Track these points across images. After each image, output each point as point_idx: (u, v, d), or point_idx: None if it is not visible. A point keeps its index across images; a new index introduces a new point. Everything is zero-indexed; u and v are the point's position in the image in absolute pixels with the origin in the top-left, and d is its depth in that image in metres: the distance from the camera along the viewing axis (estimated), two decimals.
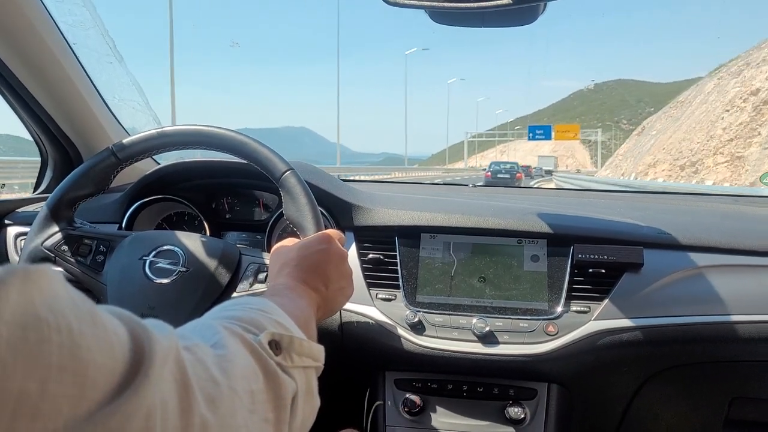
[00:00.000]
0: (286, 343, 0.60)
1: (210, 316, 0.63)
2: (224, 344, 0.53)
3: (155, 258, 1.10)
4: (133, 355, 0.39)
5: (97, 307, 0.40)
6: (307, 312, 0.78)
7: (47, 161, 1.72)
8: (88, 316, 0.37)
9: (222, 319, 0.59)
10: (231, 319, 0.59)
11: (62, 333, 0.34)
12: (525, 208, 1.40)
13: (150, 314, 1.03)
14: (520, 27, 1.05)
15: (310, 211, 1.04)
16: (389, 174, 36.26)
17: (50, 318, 0.34)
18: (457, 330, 1.24)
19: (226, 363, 0.51)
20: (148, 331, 0.42)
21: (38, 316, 0.33)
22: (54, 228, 1.14)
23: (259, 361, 0.56)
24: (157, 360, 0.40)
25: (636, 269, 1.24)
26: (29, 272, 0.34)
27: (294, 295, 0.81)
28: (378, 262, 1.32)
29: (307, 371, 0.63)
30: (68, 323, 0.34)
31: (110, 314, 0.41)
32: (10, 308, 0.32)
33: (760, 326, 1.20)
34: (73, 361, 0.34)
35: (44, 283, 0.35)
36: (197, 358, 0.48)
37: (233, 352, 0.53)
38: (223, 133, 1.11)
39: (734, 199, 2.01)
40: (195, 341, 0.51)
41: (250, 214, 1.55)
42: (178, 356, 0.44)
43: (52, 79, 1.44)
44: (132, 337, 0.40)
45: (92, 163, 1.14)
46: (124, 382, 0.37)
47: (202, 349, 0.50)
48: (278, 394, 0.56)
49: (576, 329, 1.21)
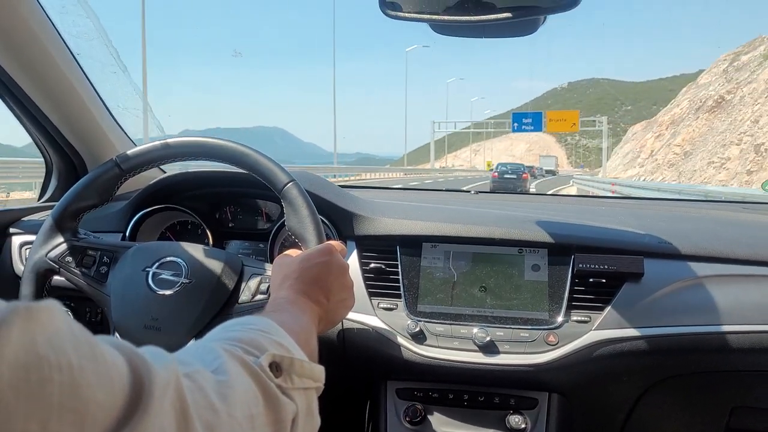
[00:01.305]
0: (286, 364, 0.61)
1: (211, 337, 0.63)
2: (225, 369, 0.54)
3: (158, 269, 1.10)
4: (133, 389, 0.40)
5: (97, 339, 0.40)
6: (308, 327, 0.79)
7: (52, 169, 1.74)
8: (88, 351, 0.37)
9: (223, 341, 0.60)
10: (232, 341, 0.60)
11: (63, 371, 0.34)
12: (526, 217, 1.40)
13: (153, 325, 1.04)
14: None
15: (311, 222, 1.05)
16: (358, 175, 36.76)
17: (51, 356, 0.34)
18: (458, 339, 1.24)
19: (226, 389, 0.51)
20: (147, 363, 0.43)
21: (40, 356, 0.33)
22: (58, 239, 1.15)
23: (260, 384, 0.56)
24: (156, 392, 0.41)
25: (636, 279, 1.24)
26: (31, 310, 0.35)
27: (295, 310, 0.81)
28: (380, 272, 1.33)
29: (308, 392, 0.63)
30: (69, 360, 0.35)
31: (110, 346, 0.41)
32: (12, 349, 0.32)
33: (761, 336, 1.20)
34: (74, 400, 0.34)
35: (46, 320, 0.35)
36: (197, 385, 0.48)
37: (234, 377, 0.53)
38: (226, 144, 1.12)
39: (738, 206, 2.00)
40: (196, 367, 0.51)
41: (252, 223, 1.56)
42: (178, 385, 0.45)
43: (57, 90, 1.46)
44: (131, 370, 0.41)
45: (96, 175, 1.15)
46: (123, 418, 0.38)
47: (202, 375, 0.50)
48: (278, 417, 0.57)
49: (576, 339, 1.21)
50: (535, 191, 26.98)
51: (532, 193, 4.67)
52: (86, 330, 0.39)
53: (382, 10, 1.01)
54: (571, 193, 24.05)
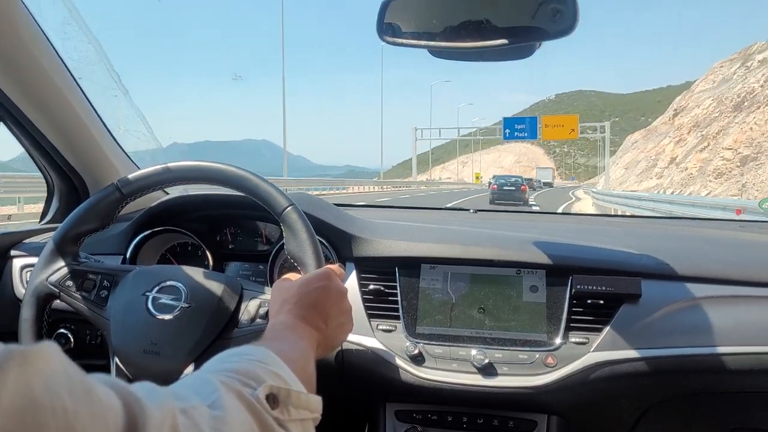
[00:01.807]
0: (283, 396, 0.61)
1: (209, 368, 0.64)
2: (222, 404, 0.54)
3: (158, 293, 1.11)
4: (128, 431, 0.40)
5: (93, 378, 0.40)
6: (306, 354, 0.79)
7: (53, 191, 1.75)
8: (83, 394, 0.38)
9: (220, 372, 0.60)
10: (229, 372, 0.60)
11: (58, 416, 0.34)
12: (524, 237, 1.41)
13: (152, 350, 1.05)
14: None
15: (310, 246, 1.06)
16: (346, 188, 36.31)
17: (47, 401, 0.34)
18: (457, 361, 1.24)
19: (222, 425, 0.51)
20: (141, 404, 0.43)
21: (36, 401, 0.34)
22: (59, 263, 1.15)
23: (256, 417, 0.57)
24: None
25: (634, 300, 1.25)
26: (27, 355, 0.35)
27: (293, 336, 0.82)
28: (378, 293, 1.33)
29: (305, 423, 0.64)
30: (64, 405, 0.35)
31: (105, 386, 0.42)
32: (8, 395, 0.32)
33: (760, 357, 1.20)
34: None
35: (42, 364, 0.36)
36: (193, 422, 0.49)
37: (230, 412, 0.54)
38: (226, 169, 1.13)
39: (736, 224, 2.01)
40: (192, 402, 0.52)
41: (252, 244, 1.56)
42: (174, 423, 0.45)
43: (59, 114, 1.47)
44: (126, 411, 0.41)
45: (97, 199, 1.16)
46: None
47: (198, 411, 0.51)
48: None
49: (575, 361, 1.21)
50: (535, 204, 26.77)
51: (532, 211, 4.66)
52: (82, 371, 0.39)
53: (380, 36, 1.02)
54: (587, 209, 22.92)
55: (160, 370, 1.05)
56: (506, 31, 0.97)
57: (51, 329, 1.38)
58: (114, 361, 1.10)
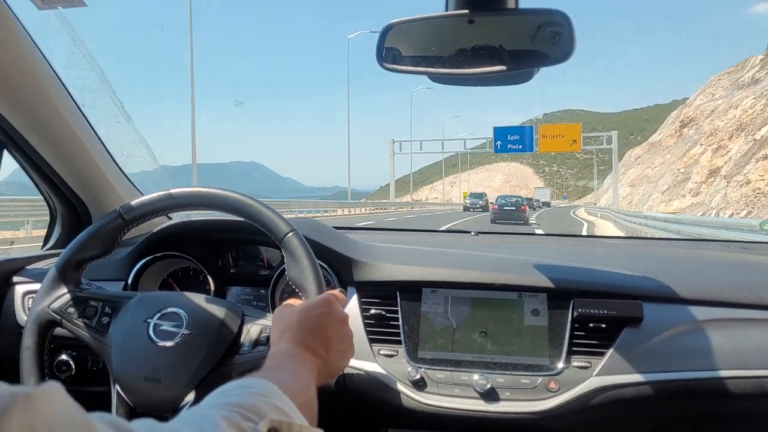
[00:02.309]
0: (285, 430, 0.61)
1: (210, 403, 0.63)
2: None
3: (159, 320, 1.11)
4: None
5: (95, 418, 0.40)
6: (307, 382, 0.79)
7: (56, 217, 1.75)
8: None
9: (221, 407, 0.60)
10: (230, 406, 0.60)
11: None
12: (525, 260, 1.41)
13: (153, 377, 1.05)
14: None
15: (312, 272, 1.06)
16: (335, 211, 34.39)
17: None
18: (459, 387, 1.23)
19: None
20: None
21: None
22: (61, 290, 1.16)
23: None
24: None
25: (636, 324, 1.24)
26: (30, 397, 0.35)
27: (295, 365, 0.82)
28: (380, 318, 1.33)
29: None
30: None
31: (107, 425, 0.42)
32: None
33: (762, 381, 1.19)
34: None
35: (45, 407, 0.36)
36: None
37: None
38: (228, 195, 1.14)
39: (737, 245, 2.00)
40: None
41: (254, 269, 1.57)
42: None
43: (62, 140, 1.49)
44: None
45: (99, 226, 1.16)
46: None
47: None
48: None
49: (577, 386, 1.20)
50: (536, 224, 26.54)
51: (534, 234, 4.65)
52: (84, 412, 0.40)
53: (380, 63, 1.03)
54: (607, 231, 21.57)
55: (161, 398, 1.05)
56: (506, 56, 0.98)
57: (52, 356, 1.38)
58: (115, 389, 1.09)
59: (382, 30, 1.02)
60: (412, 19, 1.01)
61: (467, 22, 0.96)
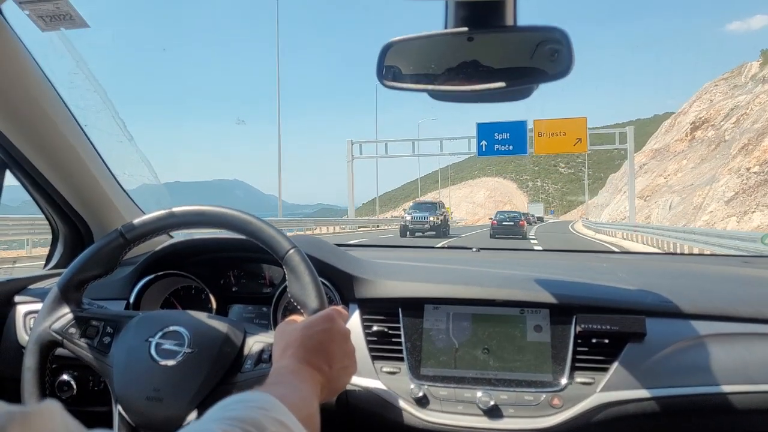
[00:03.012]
0: None
1: (211, 417, 0.63)
2: None
3: (161, 339, 1.11)
4: None
5: None
6: (309, 398, 0.79)
7: (58, 236, 1.76)
8: None
9: (223, 421, 0.60)
10: (232, 420, 0.60)
11: None
12: (527, 276, 1.41)
13: (155, 396, 1.04)
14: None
15: (314, 289, 1.06)
16: (316, 228, 31.90)
17: None
18: (462, 404, 1.23)
19: None
20: None
21: None
22: (63, 310, 1.15)
23: None
24: None
25: (639, 339, 1.24)
26: (28, 416, 0.35)
27: (297, 381, 0.81)
28: (382, 335, 1.32)
29: None
30: None
31: None
32: None
33: (766, 396, 1.18)
34: None
35: (43, 425, 0.36)
36: None
37: None
38: (229, 213, 1.14)
39: (739, 260, 2.00)
40: None
41: (256, 287, 1.56)
42: None
43: (65, 161, 1.49)
44: None
45: (100, 245, 1.16)
46: None
47: None
48: None
49: (581, 402, 1.20)
50: (535, 239, 26.32)
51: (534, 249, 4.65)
52: (83, 428, 0.40)
53: (380, 80, 1.04)
54: (636, 248, 20.57)
55: (163, 418, 1.04)
56: (505, 73, 0.99)
57: (54, 376, 1.37)
58: (117, 409, 1.09)
59: (382, 48, 1.02)
60: (411, 38, 1.02)
61: (466, 39, 0.97)
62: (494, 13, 0.91)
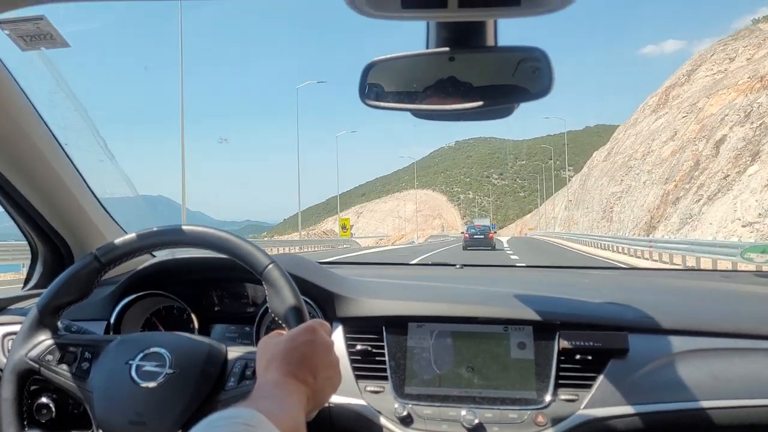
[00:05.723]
0: None
1: None
2: None
3: (141, 361, 1.09)
4: None
5: None
6: (295, 410, 0.78)
7: (37, 256, 1.73)
8: None
9: None
10: None
11: None
12: (510, 293, 1.41)
13: (138, 420, 1.02)
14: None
15: (294, 302, 1.05)
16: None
17: None
18: (447, 422, 1.22)
19: None
20: None
21: None
22: (39, 337, 1.13)
23: None
24: None
25: (622, 355, 1.24)
26: None
27: (282, 394, 0.81)
28: (366, 354, 1.32)
29: None
30: None
31: None
32: None
33: (749, 411, 1.19)
34: None
35: None
36: None
37: None
38: (204, 231, 1.13)
39: (718, 274, 2.02)
40: None
41: (238, 306, 1.55)
42: None
43: (44, 180, 1.47)
44: None
45: (75, 270, 1.14)
46: None
47: None
48: None
49: (565, 419, 1.19)
50: (513, 253, 26.11)
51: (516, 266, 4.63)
52: None
53: (363, 100, 1.04)
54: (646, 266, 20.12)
55: None
56: (487, 92, 1.00)
57: (32, 398, 1.34)
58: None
59: (364, 68, 1.03)
60: (393, 57, 1.02)
61: (448, 59, 0.98)
62: (475, 34, 0.92)
